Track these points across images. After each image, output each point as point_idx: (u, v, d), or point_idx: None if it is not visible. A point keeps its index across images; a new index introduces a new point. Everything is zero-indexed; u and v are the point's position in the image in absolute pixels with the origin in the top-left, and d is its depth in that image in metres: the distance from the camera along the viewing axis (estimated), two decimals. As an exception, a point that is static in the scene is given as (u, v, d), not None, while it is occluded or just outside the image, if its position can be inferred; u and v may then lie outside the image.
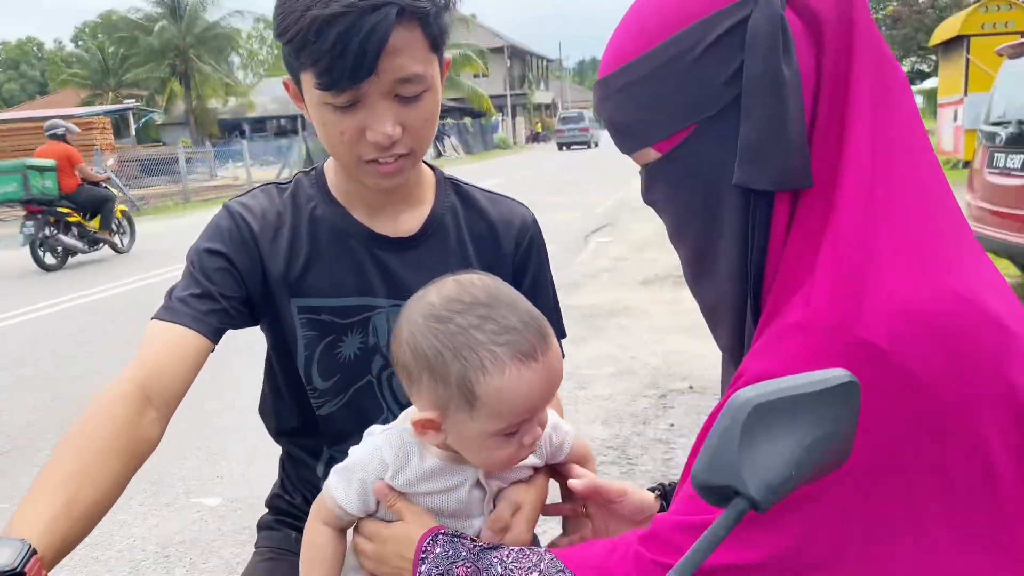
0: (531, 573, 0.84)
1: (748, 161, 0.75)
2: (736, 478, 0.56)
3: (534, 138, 50.25)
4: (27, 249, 9.38)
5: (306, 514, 1.24)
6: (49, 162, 9.40)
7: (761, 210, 0.78)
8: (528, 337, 0.86)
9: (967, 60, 11.96)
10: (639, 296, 6.69)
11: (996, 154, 5.43)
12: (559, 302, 1.31)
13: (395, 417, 1.19)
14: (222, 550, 2.98)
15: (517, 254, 1.25)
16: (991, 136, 5.53)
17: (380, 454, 0.94)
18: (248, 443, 3.86)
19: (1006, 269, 6.25)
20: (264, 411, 1.31)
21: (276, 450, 1.32)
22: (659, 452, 3.57)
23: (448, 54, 1.09)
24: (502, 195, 1.30)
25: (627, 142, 0.85)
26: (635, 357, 5.02)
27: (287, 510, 1.28)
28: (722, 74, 0.76)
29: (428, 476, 0.93)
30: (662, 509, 1.06)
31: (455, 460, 0.93)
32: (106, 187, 10.44)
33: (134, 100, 31.03)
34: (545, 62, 65.83)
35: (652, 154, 0.84)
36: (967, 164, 11.67)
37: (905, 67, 34.52)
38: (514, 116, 49.62)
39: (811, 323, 0.72)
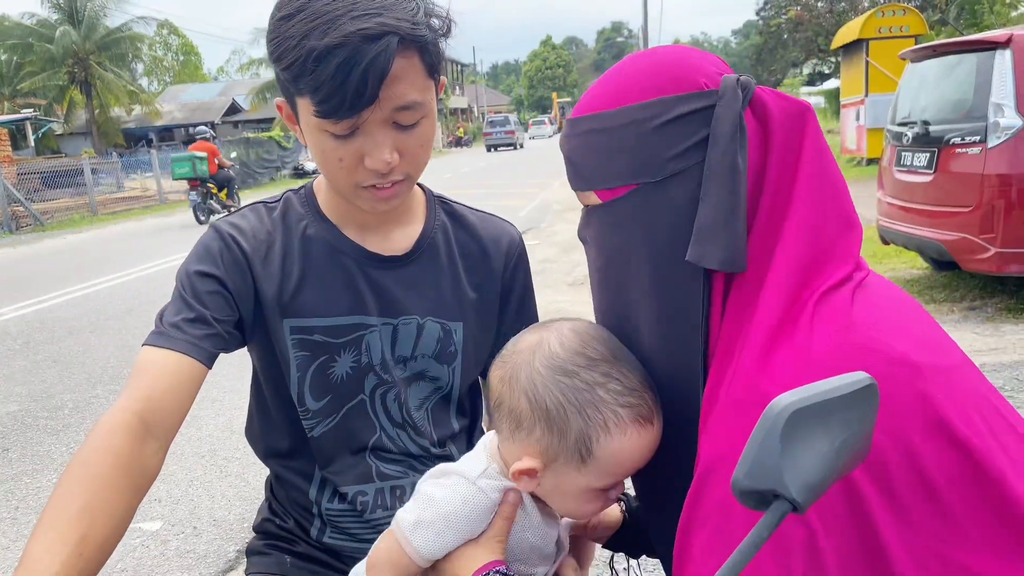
0: None
1: (702, 241, 0.82)
2: (778, 481, 0.59)
3: (456, 142, 49.72)
4: (191, 211, 14.78)
5: (299, 538, 1.23)
6: (203, 153, 14.45)
7: (705, 282, 0.84)
8: (648, 400, 0.87)
9: (867, 62, 12.51)
10: (569, 298, 6.76)
11: (903, 153, 5.72)
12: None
13: (388, 436, 1.19)
14: (168, 575, 2.89)
15: (506, 273, 1.27)
16: (898, 136, 5.82)
17: (485, 497, 0.91)
18: (186, 463, 3.75)
19: (914, 261, 6.59)
20: (251, 434, 1.29)
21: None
22: (603, 452, 3.63)
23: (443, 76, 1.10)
24: (490, 214, 1.32)
25: (577, 180, 0.92)
26: (570, 359, 5.08)
27: (278, 534, 1.26)
28: (672, 149, 0.83)
29: (527, 513, 0.93)
30: (625, 520, 1.12)
31: (542, 507, 0.94)
32: (230, 172, 15.35)
33: (32, 110, 29.60)
34: (460, 67, 65.81)
35: (594, 198, 0.90)
36: (871, 161, 12.23)
37: (807, 69, 35.87)
38: (430, 121, 49.15)
39: (735, 398, 0.77)
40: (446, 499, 0.91)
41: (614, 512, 1.12)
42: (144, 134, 38.11)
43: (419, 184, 1.24)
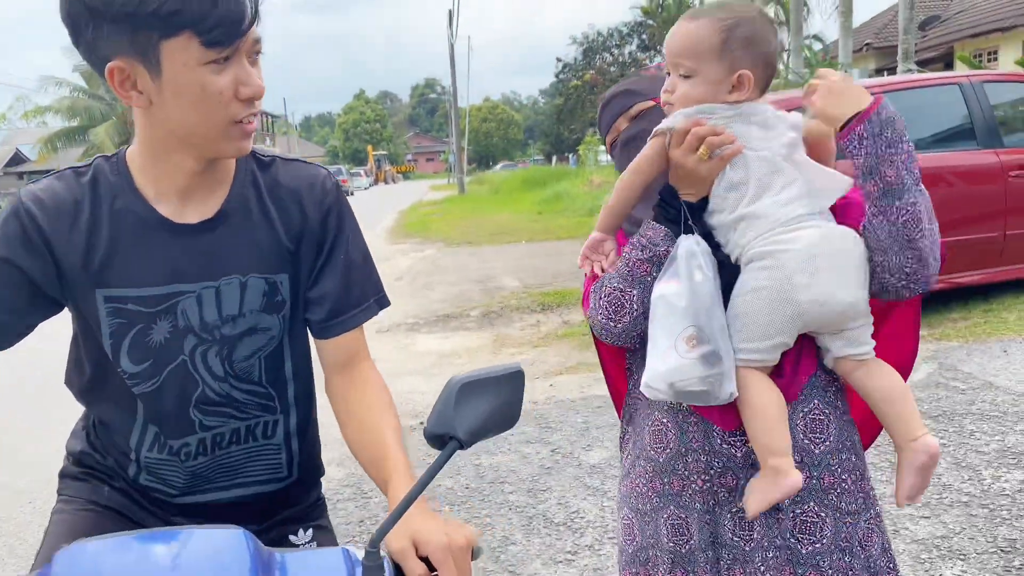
0: None
1: None
2: (451, 427, 0.91)
3: None
4: None
5: (117, 475, 1.30)
6: None
7: None
8: None
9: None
10: (375, 344, 6.84)
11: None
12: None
13: (211, 389, 1.27)
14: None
15: (322, 215, 1.27)
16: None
17: None
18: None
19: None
20: (71, 381, 1.32)
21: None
22: (405, 486, 3.81)
23: None
24: (301, 160, 1.33)
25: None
26: (375, 402, 5.22)
27: (96, 467, 1.31)
28: None
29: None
30: None
31: None
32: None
33: None
34: (271, 118, 64.70)
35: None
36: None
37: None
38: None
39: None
40: None
41: None
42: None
43: None
